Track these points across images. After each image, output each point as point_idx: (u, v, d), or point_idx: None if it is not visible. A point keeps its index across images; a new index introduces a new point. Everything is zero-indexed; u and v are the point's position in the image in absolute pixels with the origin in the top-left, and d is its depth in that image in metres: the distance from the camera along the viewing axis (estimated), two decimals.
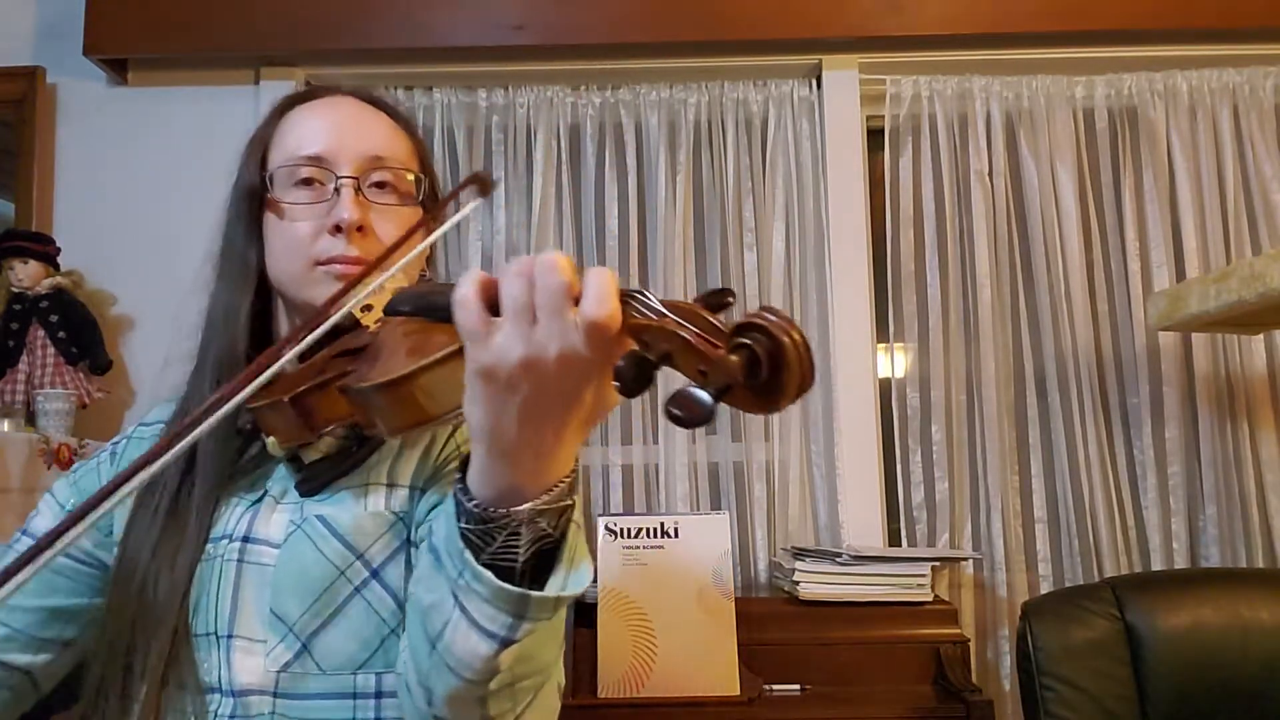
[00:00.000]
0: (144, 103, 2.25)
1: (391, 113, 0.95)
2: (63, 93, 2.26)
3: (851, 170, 2.21)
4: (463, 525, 0.61)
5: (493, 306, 0.55)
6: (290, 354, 0.67)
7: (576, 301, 0.53)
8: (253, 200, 0.90)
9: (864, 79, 2.24)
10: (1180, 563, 2.07)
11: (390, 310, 0.77)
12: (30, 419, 1.94)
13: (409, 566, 0.82)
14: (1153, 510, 2.09)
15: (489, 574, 0.60)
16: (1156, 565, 2.07)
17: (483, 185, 0.77)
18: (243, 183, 0.91)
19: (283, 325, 0.93)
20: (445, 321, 0.60)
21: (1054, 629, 1.63)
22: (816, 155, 2.24)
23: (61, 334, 2.00)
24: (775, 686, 1.73)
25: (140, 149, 2.23)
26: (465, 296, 0.56)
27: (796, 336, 0.47)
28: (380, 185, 0.90)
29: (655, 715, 1.65)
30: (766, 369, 0.47)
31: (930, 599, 1.81)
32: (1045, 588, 2.06)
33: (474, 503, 0.60)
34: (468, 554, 0.60)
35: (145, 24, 2.17)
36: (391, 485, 0.85)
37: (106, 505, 0.57)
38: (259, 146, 0.92)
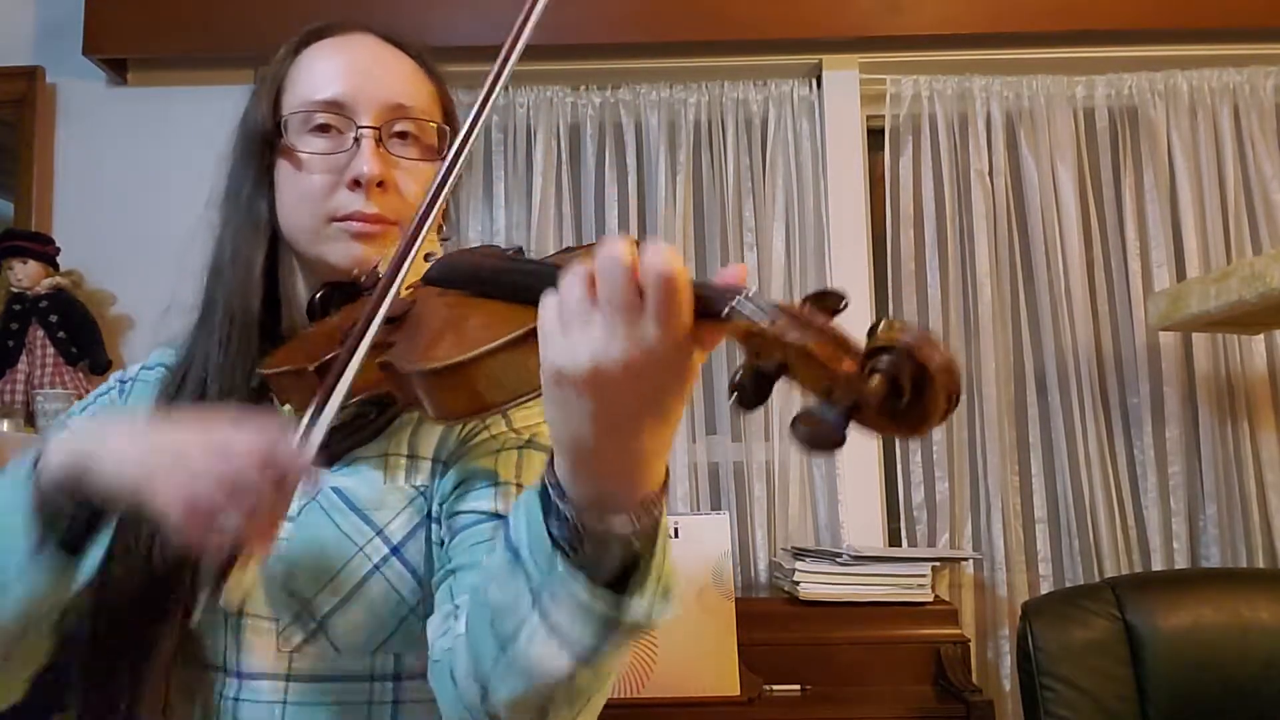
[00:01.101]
0: (144, 103, 2.25)
1: (414, 53, 0.89)
2: (63, 93, 2.25)
3: (851, 170, 2.21)
4: (553, 528, 0.56)
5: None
6: (377, 323, 0.64)
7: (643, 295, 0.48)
8: (264, 145, 0.84)
9: (864, 79, 2.24)
10: (1180, 563, 2.07)
11: (430, 280, 0.72)
12: (30, 419, 1.94)
13: (429, 542, 0.78)
14: (1153, 510, 2.09)
15: (581, 588, 0.55)
16: (1156, 565, 2.06)
17: None
18: (252, 125, 0.85)
19: (298, 281, 0.87)
20: (490, 298, 0.55)
21: (1054, 629, 1.63)
22: (816, 155, 2.24)
23: (61, 334, 2.00)
24: (775, 686, 1.73)
25: (140, 149, 2.23)
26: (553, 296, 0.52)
27: (940, 358, 0.41)
28: (402, 136, 0.84)
29: (655, 715, 1.64)
30: (909, 395, 0.42)
31: (930, 599, 1.81)
32: (1045, 588, 2.06)
33: (568, 506, 0.55)
34: (559, 560, 0.56)
35: (145, 24, 2.17)
36: (413, 457, 0.81)
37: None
38: (272, 86, 0.86)
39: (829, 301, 0.46)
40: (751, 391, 0.45)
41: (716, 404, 2.18)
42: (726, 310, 0.47)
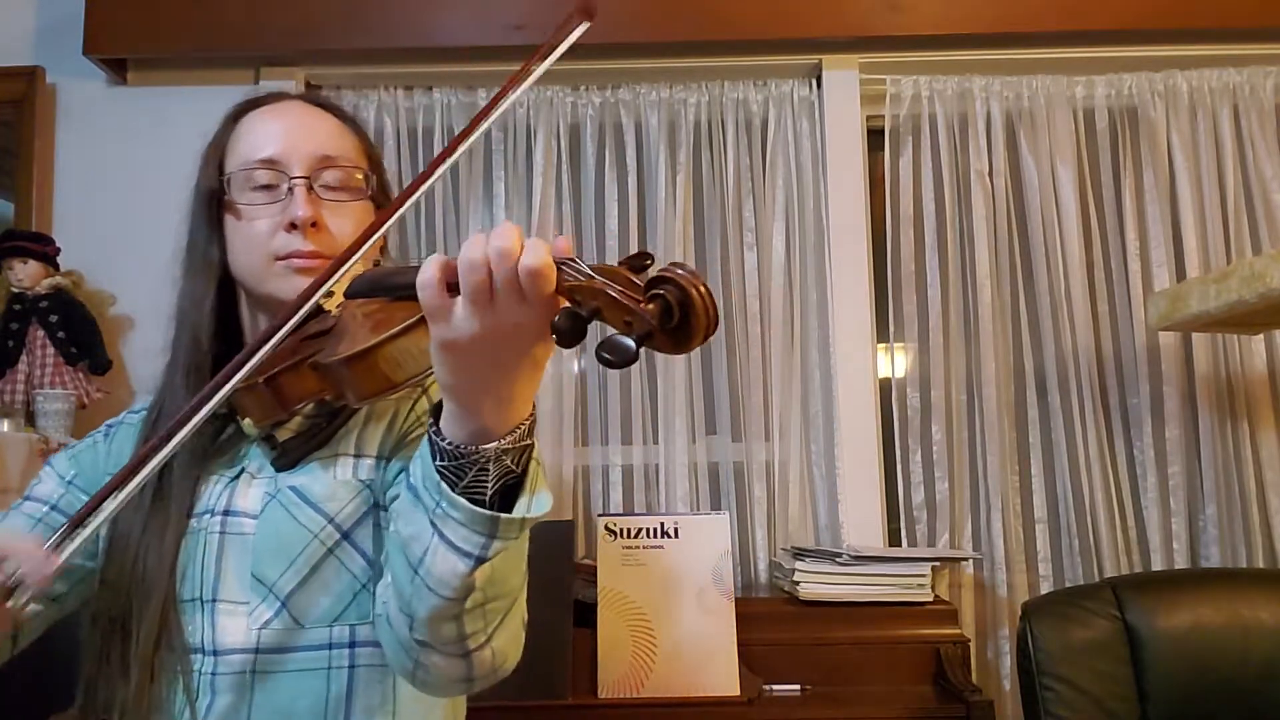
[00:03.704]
0: (144, 102, 2.25)
1: (338, 114, 1.03)
2: (63, 93, 2.25)
3: (851, 170, 2.21)
4: (438, 464, 0.69)
5: (451, 286, 0.63)
6: (265, 350, 0.76)
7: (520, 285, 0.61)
8: (212, 202, 0.97)
9: (864, 79, 2.24)
10: (1180, 563, 2.07)
11: (350, 294, 0.84)
12: (30, 419, 1.94)
13: (376, 528, 0.90)
14: (1153, 510, 2.09)
15: (464, 500, 0.68)
16: (1156, 565, 2.07)
17: (587, 10, 0.84)
18: (202, 186, 0.98)
19: (246, 318, 1.00)
20: (402, 299, 0.67)
21: (1054, 629, 1.63)
22: (816, 155, 2.24)
23: (61, 334, 2.00)
24: (775, 686, 1.74)
25: (140, 149, 2.23)
26: (429, 280, 0.64)
27: (702, 288, 0.54)
28: (330, 183, 0.96)
29: (655, 715, 1.64)
30: (678, 316, 0.54)
31: (930, 599, 1.81)
32: (1045, 588, 2.06)
33: (447, 442, 0.69)
34: (444, 486, 0.69)
35: (145, 24, 2.17)
36: (358, 455, 0.93)
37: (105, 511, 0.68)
38: (215, 152, 0.99)
39: (637, 260, 0.59)
40: (569, 331, 0.56)
41: (716, 404, 2.18)
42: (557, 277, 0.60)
